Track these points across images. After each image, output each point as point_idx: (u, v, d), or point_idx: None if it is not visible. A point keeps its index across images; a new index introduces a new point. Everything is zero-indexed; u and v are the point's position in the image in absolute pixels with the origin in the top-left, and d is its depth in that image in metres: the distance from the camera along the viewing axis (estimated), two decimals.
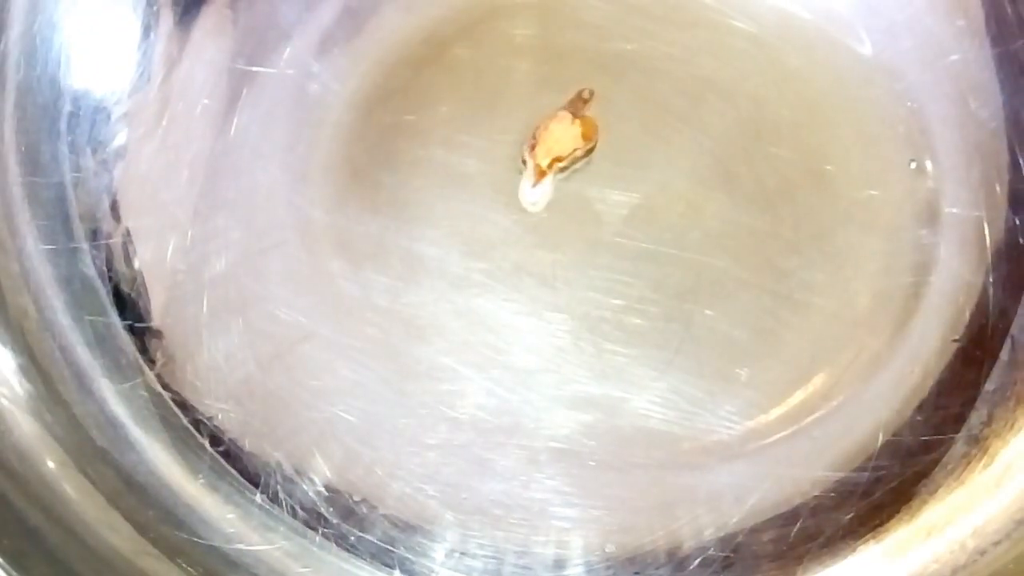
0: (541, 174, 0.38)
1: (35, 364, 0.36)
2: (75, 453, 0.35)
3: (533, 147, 0.38)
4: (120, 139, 0.38)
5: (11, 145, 0.37)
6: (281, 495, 0.36)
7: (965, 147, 0.38)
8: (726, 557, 0.36)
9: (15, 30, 0.38)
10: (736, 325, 0.37)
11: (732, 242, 0.38)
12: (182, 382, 0.37)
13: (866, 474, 0.36)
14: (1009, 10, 0.38)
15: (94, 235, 0.38)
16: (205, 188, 0.38)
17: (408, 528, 0.36)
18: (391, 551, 0.36)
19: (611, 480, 0.36)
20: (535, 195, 0.38)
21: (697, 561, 0.36)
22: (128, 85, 0.39)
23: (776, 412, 0.37)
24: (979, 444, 0.36)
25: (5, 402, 0.35)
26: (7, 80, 0.37)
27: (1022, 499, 0.36)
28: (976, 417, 0.36)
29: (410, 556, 0.36)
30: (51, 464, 0.35)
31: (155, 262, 0.37)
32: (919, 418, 0.37)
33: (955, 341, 0.37)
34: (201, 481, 0.36)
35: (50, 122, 0.38)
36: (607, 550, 0.36)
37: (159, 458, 0.36)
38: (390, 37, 0.39)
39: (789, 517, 0.36)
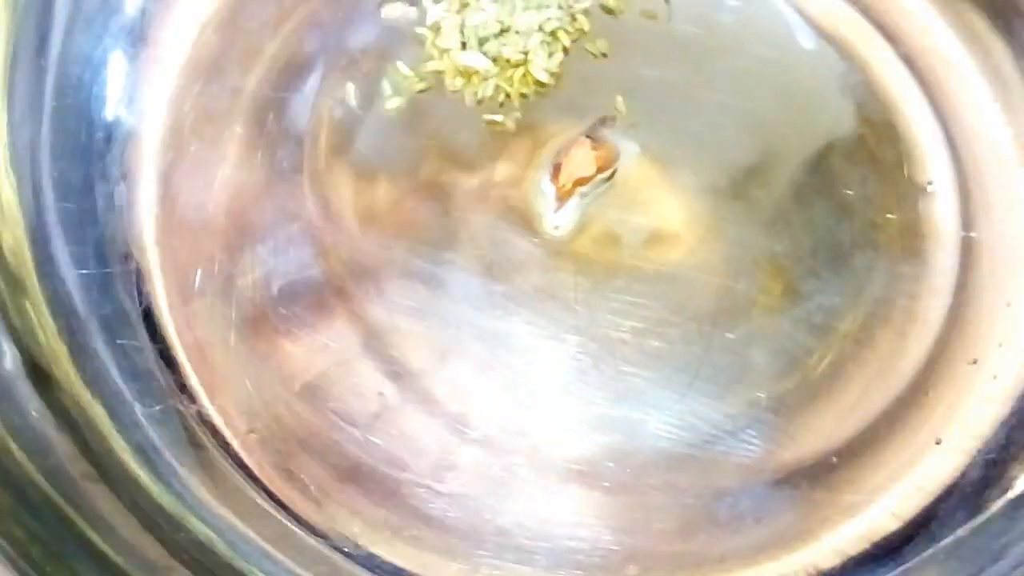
0: (564, 197, 0.38)
1: (67, 388, 0.37)
2: (108, 476, 0.36)
3: (555, 173, 0.38)
4: (150, 167, 0.39)
5: (46, 171, 0.38)
6: (310, 518, 0.37)
7: (983, 170, 0.38)
8: None
9: (50, 59, 0.38)
10: (756, 348, 0.37)
11: (751, 266, 0.38)
12: (211, 406, 0.37)
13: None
14: None
15: (125, 260, 0.38)
16: (232, 216, 0.39)
17: (435, 549, 0.37)
18: (418, 575, 0.37)
19: (630, 502, 0.36)
20: (558, 219, 0.38)
21: None
22: (158, 112, 0.39)
23: (796, 435, 0.37)
24: (996, 468, 0.36)
25: (37, 425, 0.36)
26: (44, 108, 0.38)
27: None
28: (995, 440, 0.36)
29: None
30: (85, 488, 0.35)
31: (184, 288, 0.38)
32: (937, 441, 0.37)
33: (973, 363, 0.37)
34: (229, 505, 0.37)
35: (83, 150, 0.39)
36: (628, 572, 0.36)
37: (189, 481, 0.37)
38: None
39: (810, 541, 0.36)
